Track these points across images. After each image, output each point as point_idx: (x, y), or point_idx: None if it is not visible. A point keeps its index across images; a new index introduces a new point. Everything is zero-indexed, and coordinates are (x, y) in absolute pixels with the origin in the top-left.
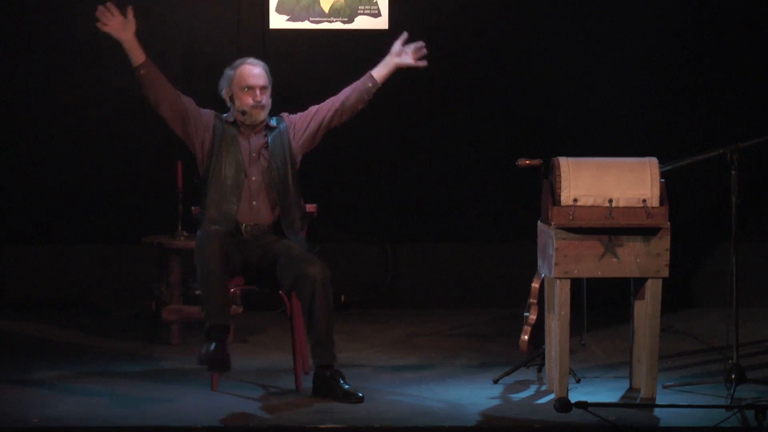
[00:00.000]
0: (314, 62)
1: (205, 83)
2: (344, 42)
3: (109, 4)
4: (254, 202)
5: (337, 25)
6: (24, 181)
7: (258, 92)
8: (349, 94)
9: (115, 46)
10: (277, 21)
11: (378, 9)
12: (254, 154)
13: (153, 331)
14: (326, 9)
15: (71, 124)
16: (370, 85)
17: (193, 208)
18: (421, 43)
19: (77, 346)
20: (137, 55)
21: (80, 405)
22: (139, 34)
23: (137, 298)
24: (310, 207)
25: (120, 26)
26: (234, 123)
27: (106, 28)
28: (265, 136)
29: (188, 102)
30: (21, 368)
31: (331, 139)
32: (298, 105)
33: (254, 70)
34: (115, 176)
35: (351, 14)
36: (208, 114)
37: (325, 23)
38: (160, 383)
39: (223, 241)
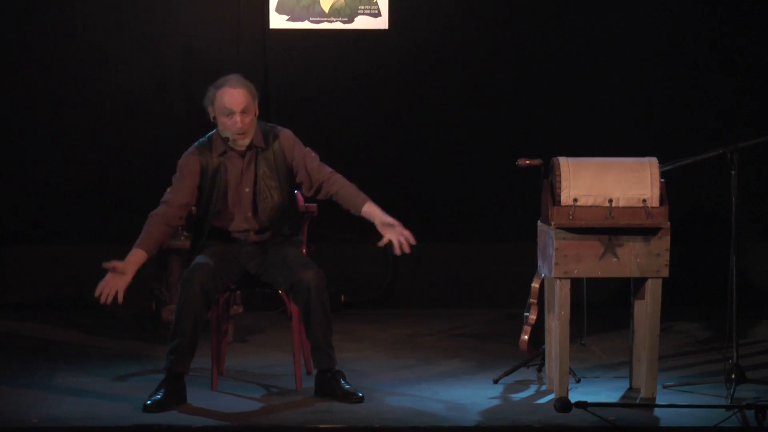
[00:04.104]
0: (314, 62)
1: (205, 83)
2: (344, 42)
3: (105, 296)
4: (252, 233)
5: (337, 25)
6: (24, 181)
7: (238, 117)
8: (337, 194)
9: (115, 46)
10: (277, 21)
11: (378, 9)
12: (247, 189)
13: (153, 331)
14: (326, 9)
15: (71, 124)
16: (351, 212)
17: (193, 207)
18: (412, 240)
19: (77, 346)
20: (142, 256)
21: (80, 405)
22: (140, 34)
23: (137, 298)
24: (311, 207)
25: (124, 282)
26: (222, 154)
27: (120, 293)
28: (257, 163)
29: (184, 196)
30: (21, 368)
31: (332, 138)
32: (298, 105)
33: (234, 93)
34: (115, 176)
35: (351, 14)
36: (191, 167)
37: (325, 23)
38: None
39: (208, 277)
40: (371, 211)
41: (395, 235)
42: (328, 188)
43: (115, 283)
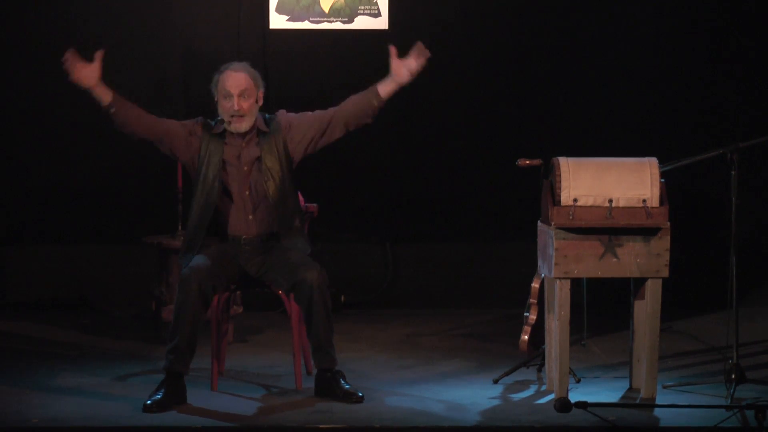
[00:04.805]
0: (314, 62)
1: (205, 83)
2: (344, 42)
3: (72, 54)
4: (250, 216)
5: (337, 25)
6: (24, 181)
7: (236, 99)
8: (351, 109)
9: (115, 46)
10: (277, 21)
11: (378, 9)
12: (246, 168)
13: (153, 331)
14: (326, 9)
15: (71, 124)
16: (375, 103)
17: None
18: (419, 46)
19: (77, 346)
20: (105, 96)
21: (80, 405)
22: (140, 34)
23: (137, 298)
24: (311, 207)
25: (89, 75)
26: (223, 134)
27: (74, 78)
28: (258, 144)
29: (168, 123)
30: (21, 368)
31: None
32: (298, 105)
33: (235, 75)
34: (115, 176)
35: (351, 14)
36: (194, 126)
37: (325, 23)
38: None
39: (205, 276)
40: (386, 89)
41: (412, 63)
42: (341, 116)
43: (85, 73)
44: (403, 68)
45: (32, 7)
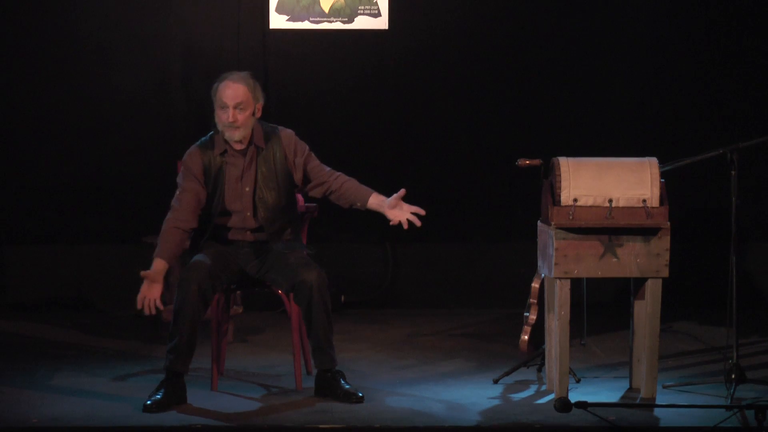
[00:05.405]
0: (314, 62)
1: (205, 84)
2: (344, 42)
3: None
4: (248, 233)
5: (337, 25)
6: (24, 181)
7: (231, 111)
8: (342, 191)
9: (115, 46)
10: (277, 21)
11: (378, 9)
12: (247, 189)
13: (153, 331)
14: (326, 9)
15: (71, 124)
16: (358, 205)
17: None
18: (421, 212)
19: (77, 346)
20: (164, 266)
21: (80, 405)
22: (140, 34)
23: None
24: (311, 207)
25: (157, 291)
26: (223, 153)
27: (158, 302)
28: (258, 162)
29: (188, 195)
30: (21, 368)
31: (331, 138)
32: (298, 104)
33: (232, 87)
34: (115, 176)
35: (351, 14)
36: (192, 159)
37: (325, 23)
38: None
39: (205, 276)
40: (378, 201)
41: (403, 215)
42: (329, 186)
43: (151, 293)
44: (399, 213)
45: (33, 7)
